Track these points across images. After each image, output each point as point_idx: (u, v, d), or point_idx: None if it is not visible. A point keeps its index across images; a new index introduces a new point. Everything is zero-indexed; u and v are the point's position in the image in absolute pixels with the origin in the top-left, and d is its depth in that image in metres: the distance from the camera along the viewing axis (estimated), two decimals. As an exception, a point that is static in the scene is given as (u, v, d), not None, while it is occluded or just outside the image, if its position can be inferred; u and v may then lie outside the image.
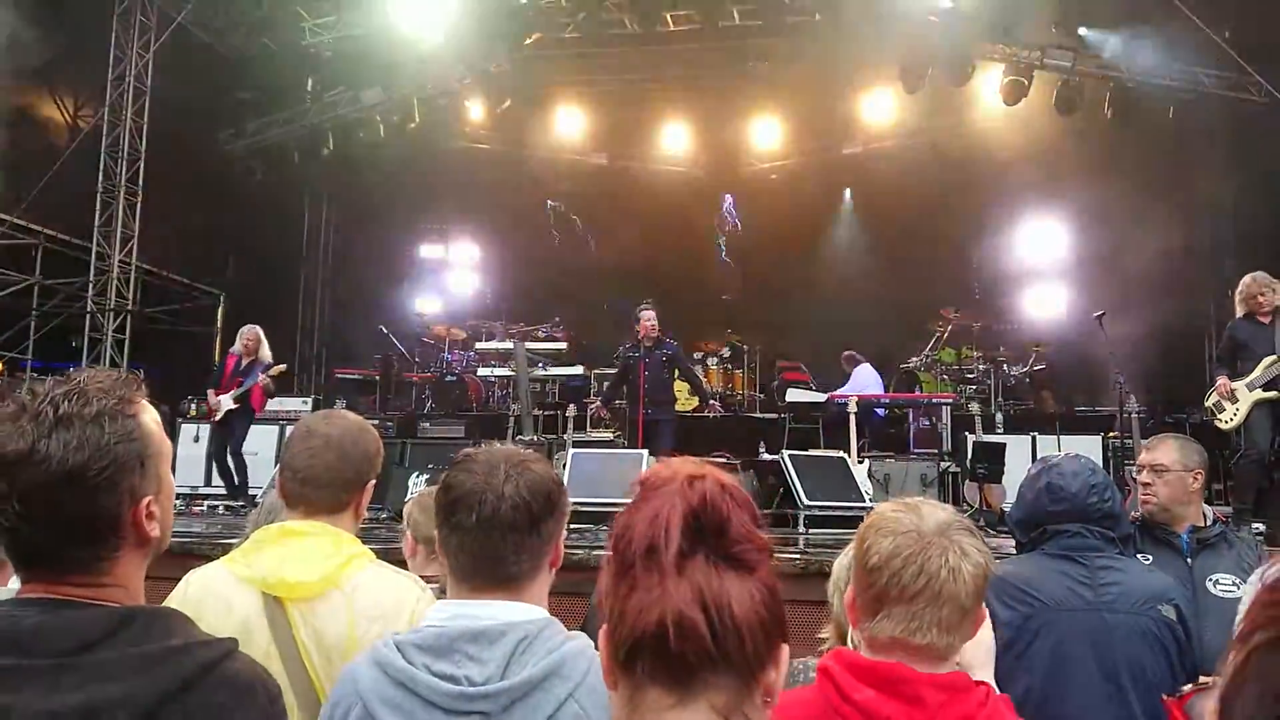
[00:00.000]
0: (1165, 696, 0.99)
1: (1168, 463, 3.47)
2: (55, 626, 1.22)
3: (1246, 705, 0.70)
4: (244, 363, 9.42)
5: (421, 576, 2.34)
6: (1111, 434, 9.19)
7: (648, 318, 9.39)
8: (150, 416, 1.38)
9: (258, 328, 9.70)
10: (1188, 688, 0.96)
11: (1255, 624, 0.73)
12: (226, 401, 9.13)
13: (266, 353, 9.51)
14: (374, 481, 2.26)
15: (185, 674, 1.24)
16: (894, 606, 1.64)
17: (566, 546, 1.80)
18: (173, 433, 9.97)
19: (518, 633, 1.56)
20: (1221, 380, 7.30)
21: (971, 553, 1.67)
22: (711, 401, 9.79)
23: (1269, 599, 0.74)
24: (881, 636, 1.65)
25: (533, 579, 1.66)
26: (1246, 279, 7.29)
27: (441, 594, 1.95)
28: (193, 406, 10.91)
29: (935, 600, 1.62)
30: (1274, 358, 6.98)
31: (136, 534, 1.33)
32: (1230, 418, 7.23)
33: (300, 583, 2.00)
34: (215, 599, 2.00)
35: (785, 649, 1.06)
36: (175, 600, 2.03)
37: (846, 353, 12.46)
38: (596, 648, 1.65)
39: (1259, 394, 7.02)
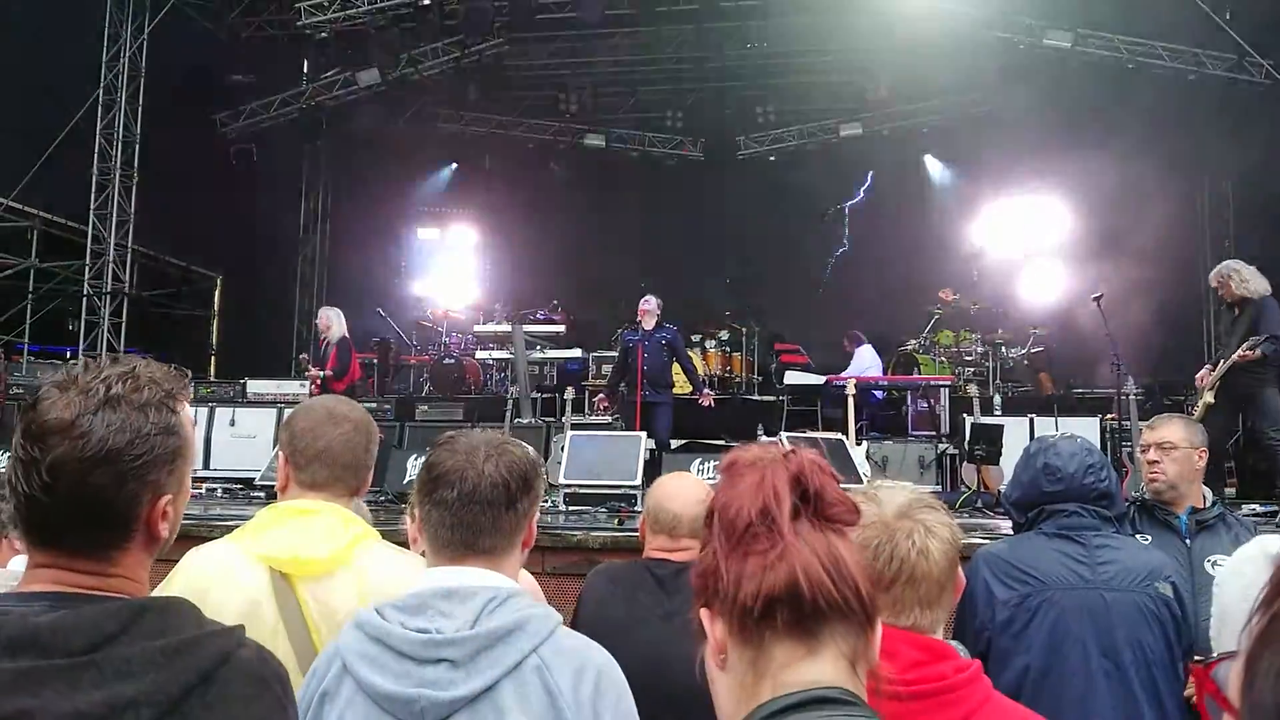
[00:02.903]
0: (1192, 663, 1.03)
1: (1175, 440, 3.49)
2: (70, 624, 1.19)
3: (1270, 664, 0.71)
4: (324, 345, 9.78)
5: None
6: (1109, 416, 9.20)
7: (646, 301, 9.42)
8: (189, 418, 1.39)
9: (327, 310, 10.08)
10: (1215, 655, 0.99)
11: (1277, 588, 0.74)
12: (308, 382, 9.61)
13: (335, 333, 9.76)
14: None
15: (203, 666, 1.23)
16: None
17: (566, 529, 1.86)
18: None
19: (488, 593, 1.64)
20: (1201, 372, 7.27)
21: (938, 529, 1.70)
22: (705, 390, 9.79)
23: None
24: None
25: (507, 554, 1.75)
26: (1216, 268, 7.21)
27: None
28: (190, 389, 10.91)
29: (911, 582, 1.66)
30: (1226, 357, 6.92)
31: (148, 530, 1.32)
32: (1195, 416, 7.08)
33: (312, 559, 2.03)
34: (221, 576, 2.01)
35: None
36: (179, 577, 2.03)
37: (848, 332, 12.48)
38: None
39: (1209, 396, 7.00)
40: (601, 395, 10.09)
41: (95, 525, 1.27)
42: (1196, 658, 1.02)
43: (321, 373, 9.61)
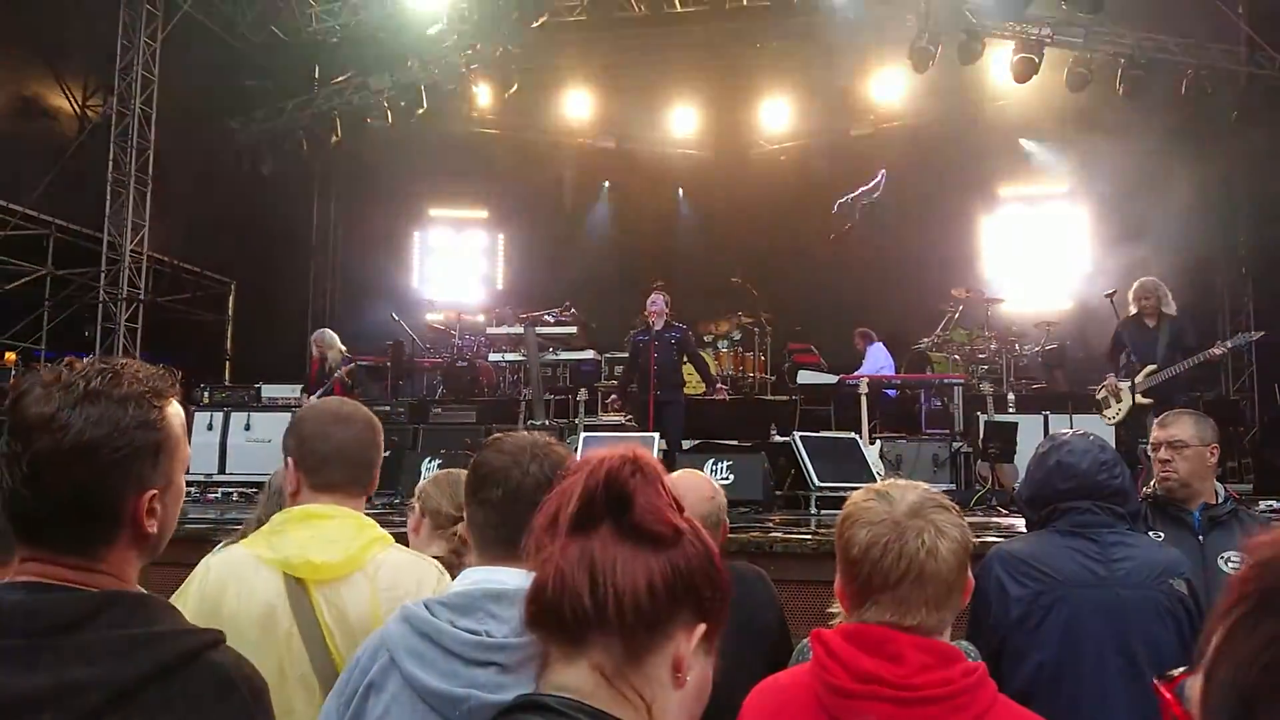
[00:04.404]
0: (1155, 680, 1.01)
1: (1185, 438, 3.47)
2: (34, 607, 1.21)
3: (1226, 674, 0.72)
4: (326, 365, 9.96)
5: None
6: (1124, 412, 9.15)
7: (654, 302, 9.41)
8: (175, 415, 1.40)
9: (324, 331, 10.37)
10: (1177, 671, 0.98)
11: (1234, 599, 0.75)
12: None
13: (335, 354, 10.05)
14: None
15: (165, 660, 1.23)
16: (880, 594, 1.67)
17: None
18: (186, 420, 10.06)
19: None
20: (1109, 379, 7.90)
21: (948, 529, 1.69)
22: (718, 386, 9.77)
23: (1247, 574, 0.76)
24: (872, 624, 1.68)
25: None
26: (1141, 281, 7.87)
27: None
28: (206, 394, 10.98)
29: (919, 582, 1.65)
30: (1154, 366, 7.55)
31: (134, 527, 1.32)
32: (1114, 415, 7.80)
33: (326, 564, 2.03)
34: (237, 582, 2.02)
35: (700, 627, 1.11)
36: (196, 584, 2.03)
37: (860, 330, 12.45)
38: None
39: (1138, 399, 7.58)
40: (614, 396, 10.09)
41: (78, 519, 1.28)
42: (1160, 675, 1.00)
43: (318, 393, 9.68)
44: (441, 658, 1.58)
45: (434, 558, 2.35)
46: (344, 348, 10.24)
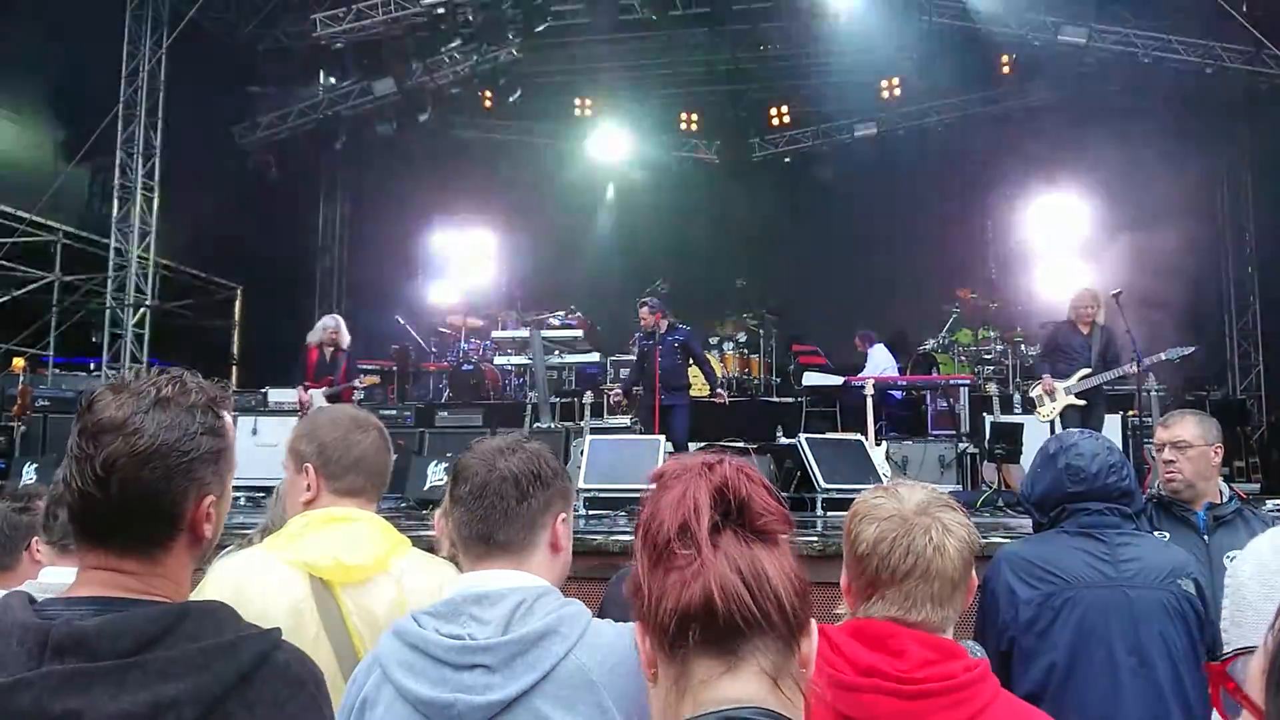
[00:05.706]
0: (1208, 662, 1.01)
1: (1189, 438, 3.46)
2: (116, 627, 1.24)
3: None
4: (328, 353, 9.74)
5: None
6: (1131, 412, 9.15)
7: (644, 311, 9.44)
8: (230, 425, 1.46)
9: (335, 317, 10.09)
10: (1230, 651, 0.96)
11: None
12: (319, 397, 9.40)
13: (346, 338, 9.80)
14: None
15: (242, 667, 1.28)
16: (886, 589, 1.70)
17: (587, 533, 1.87)
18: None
19: (517, 596, 1.66)
20: (1045, 378, 8.15)
21: (955, 528, 1.72)
22: (719, 390, 9.77)
23: None
24: (877, 618, 1.71)
25: (530, 552, 1.75)
26: (1080, 290, 8.27)
27: None
28: (231, 400, 10.99)
29: (925, 577, 1.68)
30: (1088, 370, 7.90)
31: (193, 531, 1.38)
32: (1049, 413, 8.06)
33: (358, 565, 2.07)
34: (257, 583, 2.03)
35: (814, 622, 1.12)
36: (211, 585, 2.04)
37: (860, 332, 12.45)
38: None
39: (1072, 399, 7.94)
40: (617, 393, 10.08)
41: (145, 521, 1.33)
42: (1216, 657, 0.99)
43: (352, 384, 9.63)
44: (431, 666, 1.60)
45: (445, 558, 2.38)
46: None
